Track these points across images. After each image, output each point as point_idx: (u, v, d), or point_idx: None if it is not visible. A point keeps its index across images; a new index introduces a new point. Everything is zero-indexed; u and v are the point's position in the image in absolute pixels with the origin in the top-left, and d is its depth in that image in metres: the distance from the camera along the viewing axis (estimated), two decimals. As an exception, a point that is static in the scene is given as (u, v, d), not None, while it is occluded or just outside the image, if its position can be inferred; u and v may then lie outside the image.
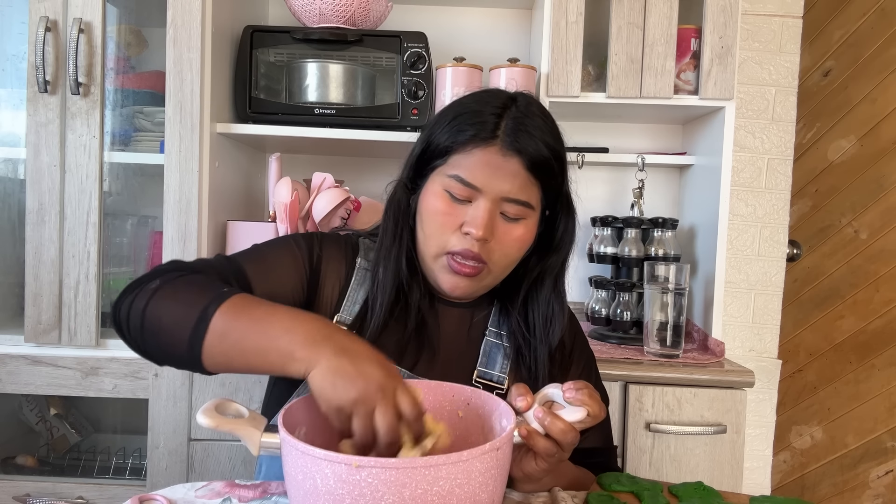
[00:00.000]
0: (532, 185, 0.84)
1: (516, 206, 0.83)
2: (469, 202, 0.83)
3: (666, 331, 1.48)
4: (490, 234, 0.82)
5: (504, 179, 0.82)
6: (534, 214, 0.87)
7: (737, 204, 1.91)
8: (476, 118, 0.83)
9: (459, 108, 0.86)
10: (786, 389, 2.23)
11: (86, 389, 1.44)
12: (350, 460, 0.53)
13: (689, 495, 0.80)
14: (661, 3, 1.56)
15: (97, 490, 1.44)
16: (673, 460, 1.43)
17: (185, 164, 1.43)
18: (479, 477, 0.57)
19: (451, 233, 0.84)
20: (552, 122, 0.87)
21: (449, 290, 0.86)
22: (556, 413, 0.70)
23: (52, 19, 1.39)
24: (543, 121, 0.85)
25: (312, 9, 1.57)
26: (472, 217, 0.82)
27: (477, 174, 0.82)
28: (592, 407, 0.70)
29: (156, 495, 0.75)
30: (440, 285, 0.87)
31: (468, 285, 0.86)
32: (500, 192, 0.82)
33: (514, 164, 0.82)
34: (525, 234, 0.86)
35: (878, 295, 2.20)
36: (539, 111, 0.86)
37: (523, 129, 0.82)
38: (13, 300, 1.58)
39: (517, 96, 0.87)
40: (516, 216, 0.84)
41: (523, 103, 0.85)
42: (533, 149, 0.82)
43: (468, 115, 0.84)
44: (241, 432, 0.64)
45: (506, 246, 0.85)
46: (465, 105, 0.86)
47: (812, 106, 2.19)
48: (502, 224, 0.84)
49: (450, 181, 0.83)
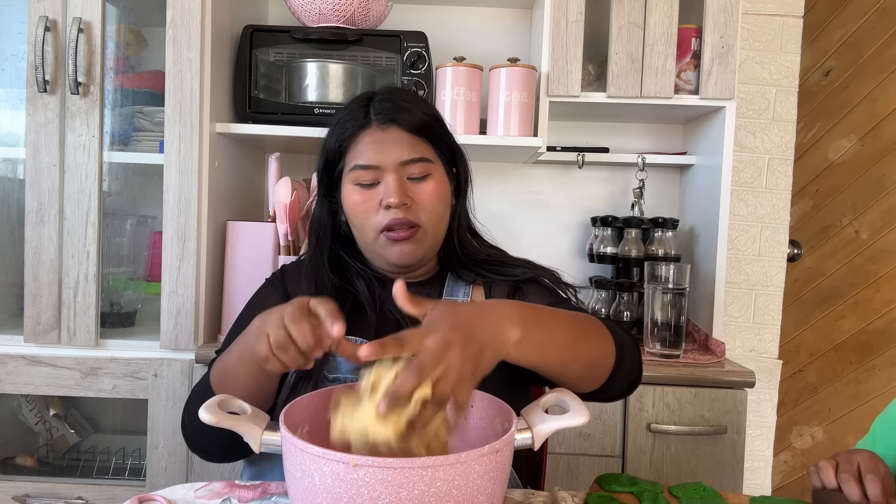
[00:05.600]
0: (420, 143, 0.93)
1: (416, 164, 0.92)
2: (378, 183, 0.92)
3: (666, 331, 1.48)
4: (406, 198, 0.90)
5: (393, 148, 0.91)
6: (437, 168, 0.95)
7: (737, 204, 1.91)
8: (349, 115, 0.95)
9: (337, 116, 0.97)
10: (786, 390, 2.23)
11: (85, 390, 1.44)
12: (348, 459, 0.53)
13: (689, 496, 0.79)
14: (662, 3, 1.56)
15: (96, 490, 1.44)
16: (673, 461, 1.43)
17: (185, 163, 1.43)
18: (477, 479, 0.56)
19: (374, 214, 0.92)
20: (415, 94, 0.98)
21: (398, 259, 0.93)
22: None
23: (51, 19, 1.38)
24: (406, 93, 0.99)
25: (312, 8, 1.57)
26: (385, 192, 0.91)
27: (370, 154, 0.91)
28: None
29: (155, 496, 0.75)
30: (389, 260, 0.94)
31: (413, 249, 0.92)
32: (396, 159, 0.91)
33: (395, 131, 0.92)
34: (437, 185, 0.94)
35: (878, 295, 2.20)
36: (400, 90, 1.00)
37: (389, 103, 0.93)
38: (12, 300, 1.58)
39: (379, 89, 0.98)
40: (422, 173, 0.93)
41: (384, 90, 0.97)
42: (405, 114, 0.93)
43: (343, 116, 0.95)
44: (243, 429, 0.64)
45: (426, 202, 0.92)
46: (339, 112, 0.98)
47: (813, 106, 2.19)
48: (414, 186, 0.92)
49: (353, 174, 0.92)
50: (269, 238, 1.51)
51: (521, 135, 1.58)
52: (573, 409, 0.70)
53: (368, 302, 0.94)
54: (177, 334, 1.44)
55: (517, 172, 1.94)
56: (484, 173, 1.93)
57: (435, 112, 0.98)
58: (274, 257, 1.51)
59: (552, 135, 1.79)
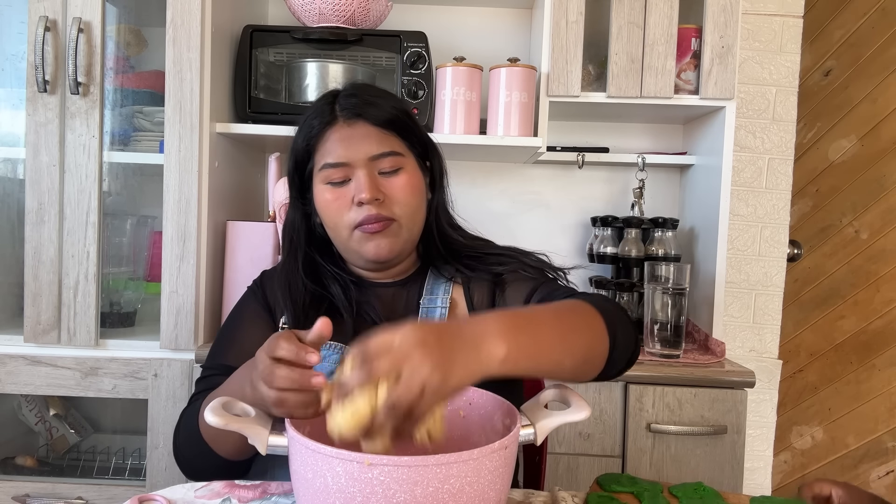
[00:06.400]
0: (389, 137, 0.92)
1: (386, 158, 0.91)
2: (349, 180, 0.91)
3: (666, 331, 1.48)
4: (378, 193, 0.89)
5: (361, 143, 0.90)
6: (408, 161, 0.94)
7: (737, 204, 1.91)
8: (315, 113, 0.93)
9: (304, 115, 0.96)
10: (786, 390, 2.23)
11: (85, 389, 1.44)
12: (362, 458, 0.53)
13: (689, 496, 0.79)
14: (662, 3, 1.56)
15: (96, 490, 1.44)
16: (673, 461, 1.43)
17: (185, 163, 1.43)
18: (488, 475, 0.57)
19: (347, 211, 0.90)
20: (382, 89, 0.98)
21: (374, 255, 0.91)
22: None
23: (51, 19, 1.38)
24: (373, 88, 0.98)
25: (312, 8, 1.57)
26: (356, 188, 0.89)
27: (338, 151, 0.90)
28: None
29: (155, 495, 0.75)
30: (366, 256, 0.92)
31: (389, 243, 0.91)
32: (365, 154, 0.90)
33: (362, 126, 0.91)
34: (410, 178, 0.92)
35: (878, 295, 2.20)
36: (367, 85, 0.99)
37: (355, 98, 0.92)
38: (12, 300, 1.58)
39: (344, 85, 0.98)
40: (393, 167, 0.91)
41: (349, 86, 0.96)
42: (372, 108, 0.91)
43: (310, 115, 0.94)
44: (250, 431, 0.64)
45: (399, 196, 0.91)
46: (306, 112, 0.96)
47: (812, 106, 2.19)
48: (385, 180, 0.91)
49: (323, 173, 0.91)
50: (269, 238, 1.51)
51: (521, 135, 1.58)
52: (574, 405, 0.70)
53: (344, 306, 0.93)
54: (177, 334, 1.44)
55: (517, 172, 1.94)
56: (484, 173, 1.93)
57: (403, 105, 0.96)
58: (274, 257, 1.51)
59: (552, 135, 1.79)
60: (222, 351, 0.95)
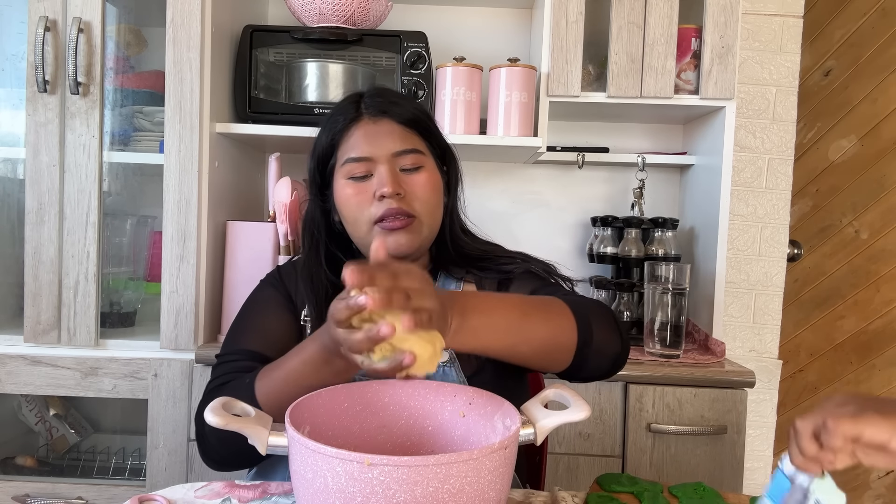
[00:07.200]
0: (412, 135, 0.95)
1: (408, 155, 0.93)
2: (371, 175, 0.92)
3: (666, 331, 1.48)
4: (399, 188, 0.91)
5: (385, 139, 0.92)
6: (428, 160, 0.96)
7: (737, 204, 1.91)
8: (340, 111, 0.96)
9: (329, 114, 0.99)
10: (786, 390, 2.23)
11: (85, 389, 1.44)
12: (362, 458, 0.53)
13: (689, 496, 0.79)
14: (662, 3, 1.56)
15: (96, 490, 1.44)
16: (673, 461, 1.43)
17: (185, 163, 1.43)
18: (488, 475, 0.57)
19: (368, 206, 0.92)
20: (404, 94, 1.01)
21: (394, 250, 0.91)
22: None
23: (51, 19, 1.38)
24: (396, 92, 1.02)
25: (312, 8, 1.57)
26: (378, 182, 0.91)
27: (362, 146, 0.92)
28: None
29: (155, 495, 0.75)
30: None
31: (408, 239, 0.91)
32: (388, 150, 0.92)
33: (387, 123, 0.94)
34: (430, 176, 0.95)
35: (878, 295, 2.20)
36: (390, 90, 1.02)
37: (380, 98, 0.95)
38: (12, 300, 1.58)
39: (368, 88, 1.00)
40: (414, 165, 0.93)
41: (374, 88, 0.99)
42: (396, 107, 0.94)
43: (335, 113, 0.97)
44: (250, 431, 0.65)
45: (420, 192, 0.93)
46: (330, 111, 0.99)
47: (813, 106, 2.19)
48: (407, 177, 0.93)
49: (346, 167, 0.93)
50: (269, 238, 1.51)
51: (521, 135, 1.58)
52: (574, 404, 0.70)
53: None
54: (177, 334, 1.44)
55: (517, 172, 1.94)
56: (484, 173, 1.93)
57: (425, 109, 0.99)
58: (274, 257, 1.51)
59: (552, 135, 1.79)
60: (245, 337, 0.95)
